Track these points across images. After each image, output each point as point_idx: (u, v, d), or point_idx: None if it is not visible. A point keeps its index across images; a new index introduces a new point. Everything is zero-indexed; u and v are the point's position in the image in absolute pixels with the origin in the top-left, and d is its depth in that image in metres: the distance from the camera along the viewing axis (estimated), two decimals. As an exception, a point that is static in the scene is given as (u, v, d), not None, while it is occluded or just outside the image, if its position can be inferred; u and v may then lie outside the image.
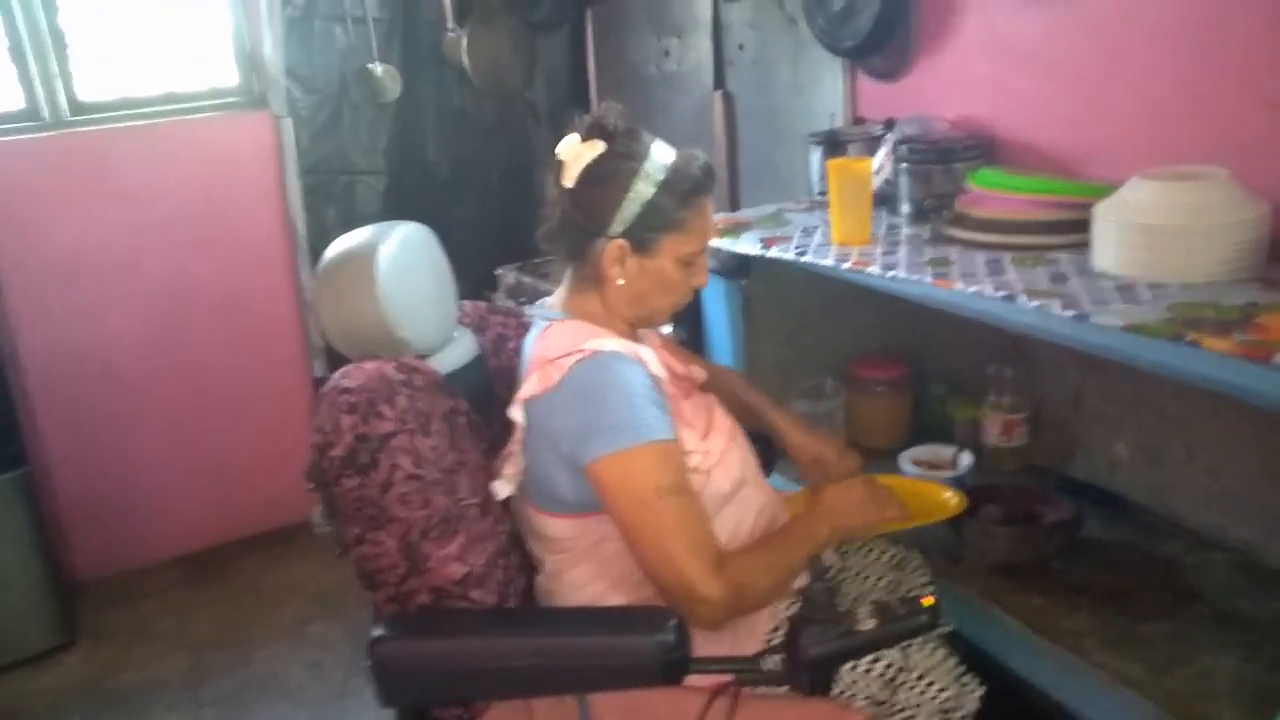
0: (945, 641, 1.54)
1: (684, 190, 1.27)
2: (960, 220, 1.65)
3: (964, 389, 2.05)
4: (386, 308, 1.32)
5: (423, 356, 1.39)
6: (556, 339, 1.31)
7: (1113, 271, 1.39)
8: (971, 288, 1.39)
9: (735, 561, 1.24)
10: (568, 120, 1.34)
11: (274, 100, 2.78)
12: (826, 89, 2.28)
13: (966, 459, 1.84)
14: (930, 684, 1.27)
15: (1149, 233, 1.34)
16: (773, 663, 1.14)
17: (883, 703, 1.27)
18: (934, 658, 1.30)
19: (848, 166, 1.72)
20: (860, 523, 1.37)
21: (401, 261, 1.37)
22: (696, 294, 1.41)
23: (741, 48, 2.55)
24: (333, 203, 2.91)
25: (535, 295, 2.89)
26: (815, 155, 2.11)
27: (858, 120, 2.21)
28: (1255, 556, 1.57)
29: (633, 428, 1.22)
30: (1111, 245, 1.39)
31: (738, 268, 1.95)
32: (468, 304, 1.60)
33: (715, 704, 1.16)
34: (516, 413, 1.29)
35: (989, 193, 1.63)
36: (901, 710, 1.27)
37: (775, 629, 1.32)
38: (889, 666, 1.28)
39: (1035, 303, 1.30)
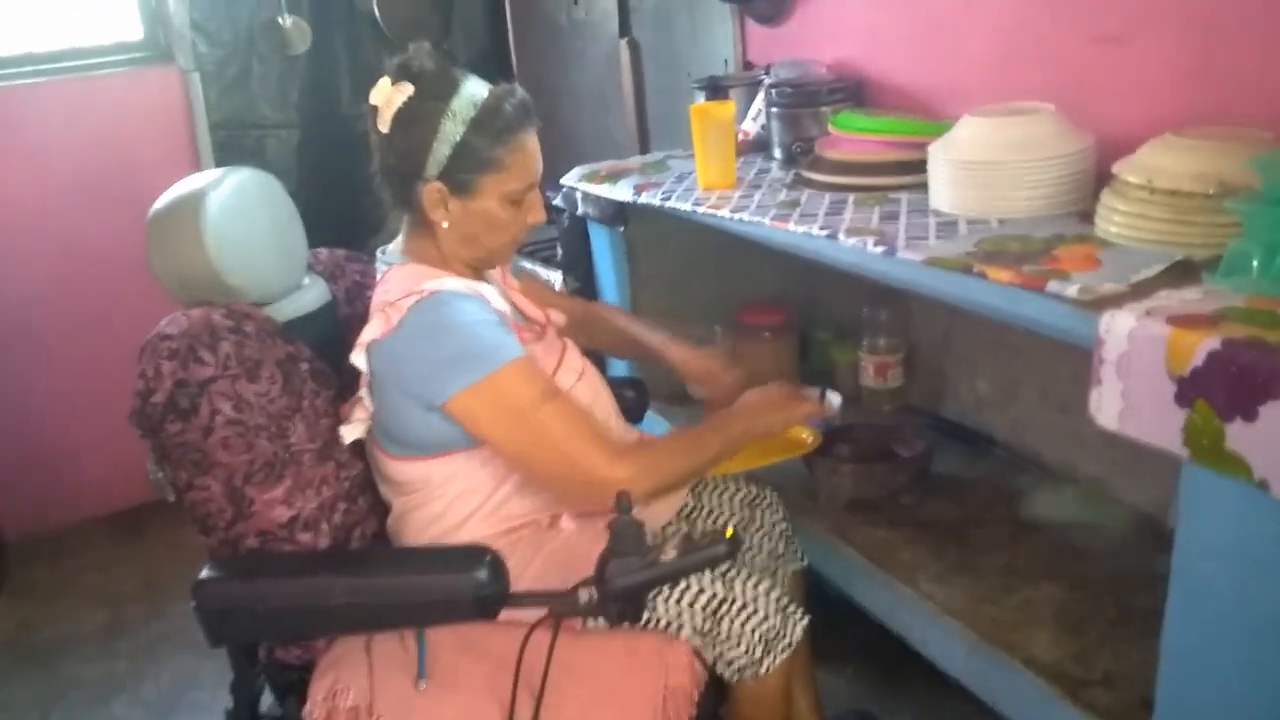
0: (785, 575, 1.59)
1: (497, 128, 1.27)
2: (816, 163, 1.66)
3: (847, 333, 2.07)
4: (215, 255, 1.33)
5: (263, 304, 1.40)
6: (396, 282, 1.32)
7: (945, 210, 1.41)
8: (800, 228, 1.40)
9: (643, 446, 1.30)
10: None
11: (180, 54, 2.75)
12: (719, 35, 2.28)
13: (836, 400, 1.86)
14: (753, 612, 1.31)
15: (973, 169, 1.35)
16: (587, 595, 1.18)
17: (707, 633, 1.31)
18: (758, 589, 1.33)
19: (708, 111, 1.72)
20: (777, 418, 1.43)
21: (234, 208, 1.38)
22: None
23: (641, -7, 2.54)
24: (244, 158, 2.88)
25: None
26: (700, 100, 2.10)
27: (747, 65, 2.21)
28: (1102, 490, 1.60)
29: (485, 355, 1.24)
30: (943, 183, 1.41)
31: (615, 215, 1.95)
32: (324, 252, 1.61)
33: (539, 635, 1.19)
34: (358, 358, 1.31)
35: (844, 135, 1.64)
36: (725, 639, 1.31)
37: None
38: (712, 598, 1.31)
39: (852, 240, 1.31)
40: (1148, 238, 1.14)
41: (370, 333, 1.28)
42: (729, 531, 1.15)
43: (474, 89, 1.29)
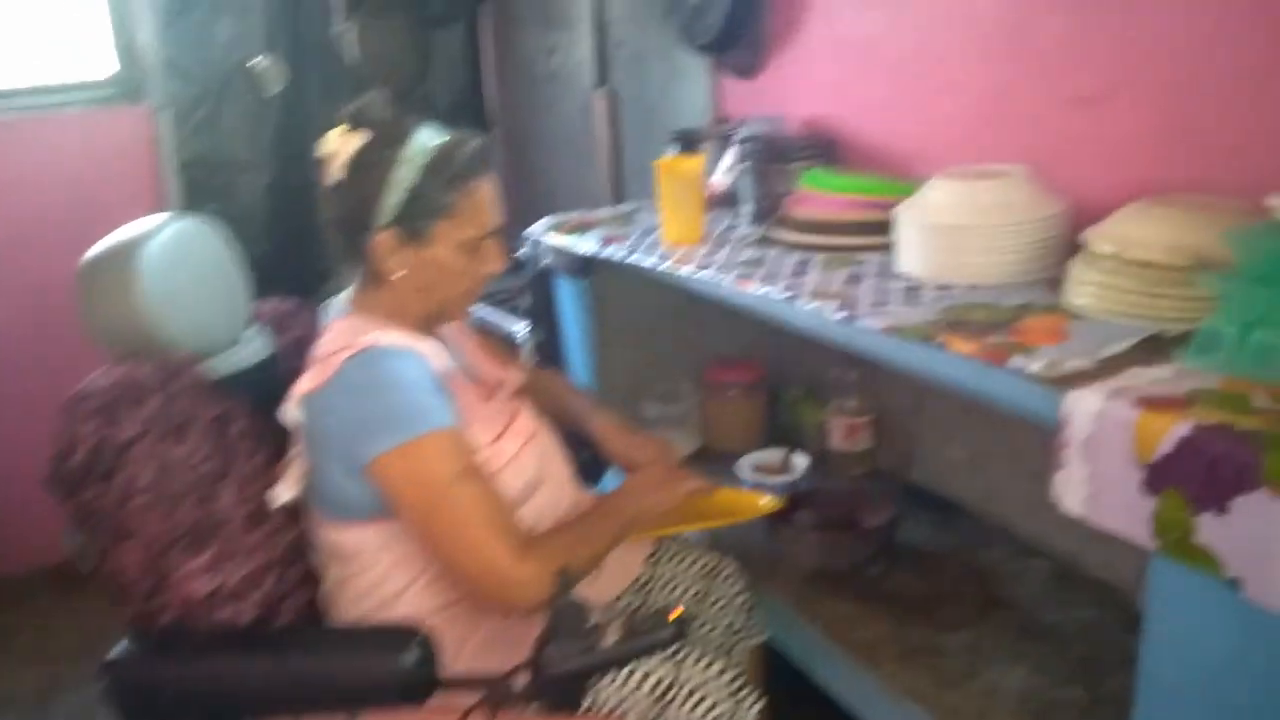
0: (745, 650, 1.52)
1: (450, 174, 1.23)
2: (784, 221, 1.61)
3: (817, 392, 2.02)
4: (147, 307, 1.27)
5: (199, 358, 1.34)
6: (336, 335, 1.27)
7: (913, 273, 1.36)
8: (762, 289, 1.35)
9: (544, 541, 1.22)
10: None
11: (151, 92, 2.71)
12: (696, 87, 2.25)
13: (801, 462, 1.80)
14: (701, 699, 1.23)
15: (941, 233, 1.31)
16: (523, 681, 1.10)
17: (654, 719, 1.23)
18: (708, 673, 1.25)
19: (674, 166, 1.68)
20: (662, 498, 1.36)
21: (170, 258, 1.32)
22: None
23: (621, 44, 2.51)
24: (213, 198, 2.83)
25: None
26: (672, 153, 2.07)
27: (722, 119, 2.17)
28: (1073, 566, 1.54)
29: (412, 419, 1.17)
30: (911, 246, 1.36)
31: (581, 267, 1.90)
32: (272, 302, 1.55)
33: (473, 720, 1.12)
34: (291, 412, 1.24)
35: (812, 193, 1.60)
36: (673, 726, 1.23)
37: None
38: (659, 682, 1.24)
39: (814, 304, 1.26)
40: (1118, 310, 1.09)
41: (303, 386, 1.22)
42: (675, 613, 1.08)
43: (427, 137, 1.24)
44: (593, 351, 2.02)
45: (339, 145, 1.24)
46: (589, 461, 1.65)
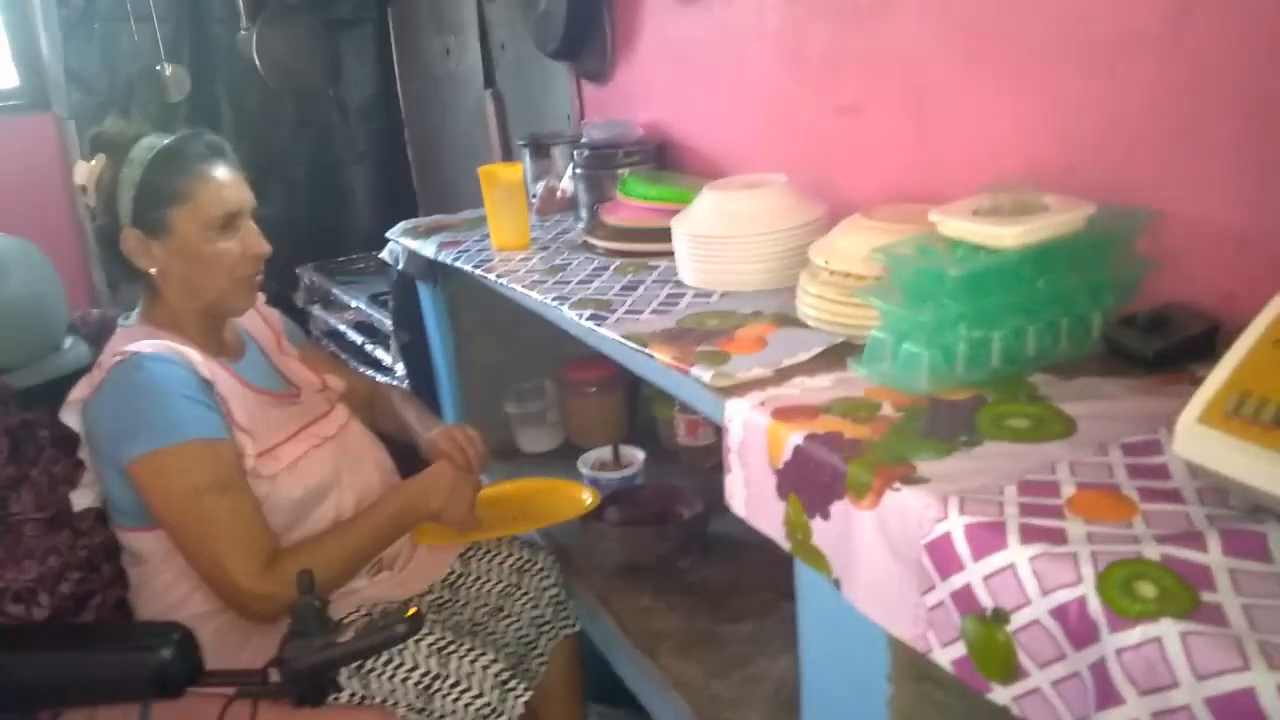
0: (555, 640, 1.58)
1: (178, 163, 1.29)
2: (597, 228, 1.66)
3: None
4: (-54, 324, 1.33)
5: (6, 370, 1.40)
6: (115, 342, 1.33)
7: (686, 281, 1.41)
8: (534, 294, 1.42)
9: (294, 553, 1.26)
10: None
11: (56, 102, 2.78)
12: (562, 90, 2.30)
13: (636, 458, 1.86)
14: (465, 690, 1.30)
15: (700, 243, 1.36)
16: (275, 674, 1.17)
17: (422, 710, 1.30)
18: (475, 665, 1.32)
19: (493, 173, 1.73)
20: (439, 506, 1.39)
21: (-27, 277, 1.38)
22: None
23: (504, 47, 2.56)
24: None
25: (330, 294, 2.91)
26: (526, 158, 2.12)
27: (581, 122, 2.22)
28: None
29: (166, 427, 1.23)
30: (682, 255, 1.41)
31: (429, 270, 1.96)
32: (94, 313, 1.61)
33: (233, 713, 1.18)
34: (67, 418, 1.31)
35: (624, 200, 1.65)
36: (440, 716, 1.29)
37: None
38: (425, 675, 1.30)
39: (575, 313, 1.31)
40: (825, 319, 1.14)
41: (76, 393, 1.29)
42: (410, 611, 1.15)
43: (155, 139, 1.30)
44: (451, 352, 2.08)
45: (84, 172, 1.31)
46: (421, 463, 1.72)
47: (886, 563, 0.78)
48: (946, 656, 0.73)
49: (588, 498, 1.64)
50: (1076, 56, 1.07)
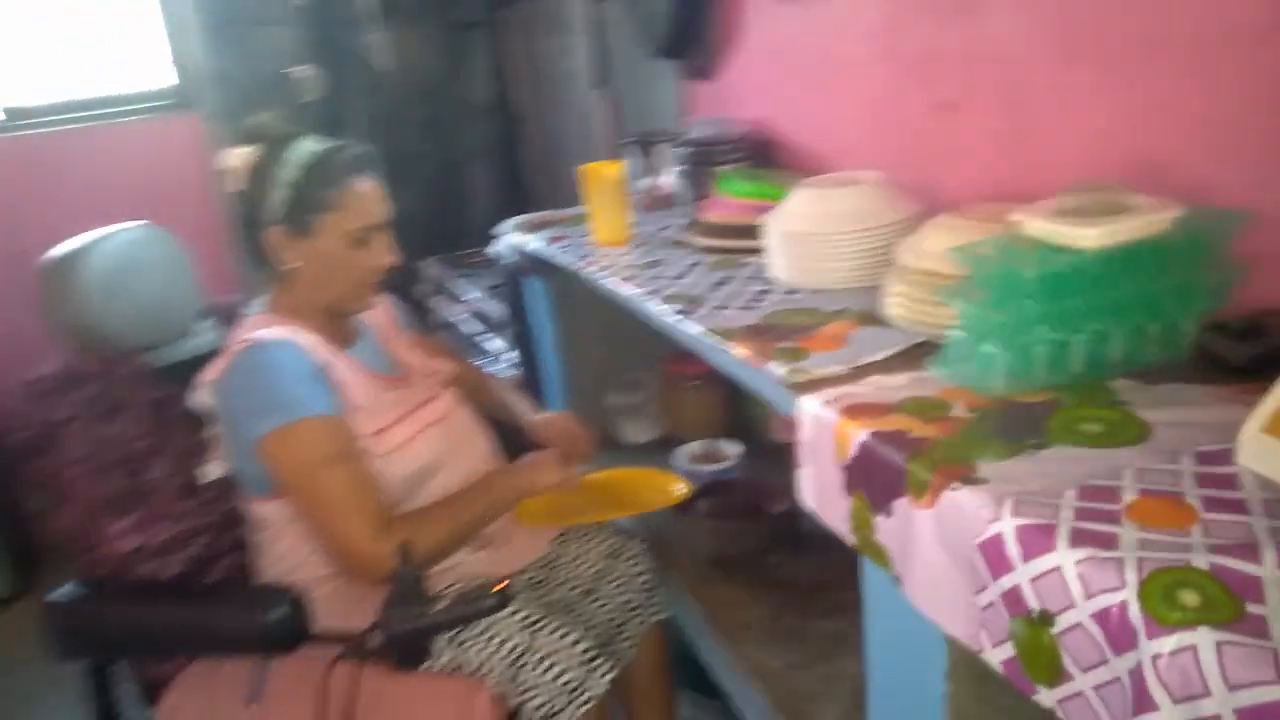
0: (646, 625, 1.62)
1: (329, 173, 1.37)
2: (694, 225, 1.70)
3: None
4: (94, 305, 1.48)
5: (146, 350, 1.54)
6: (242, 329, 1.44)
7: (778, 278, 1.43)
8: (627, 288, 1.46)
9: (405, 520, 1.35)
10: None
11: (201, 103, 2.99)
12: (669, 89, 2.33)
13: (733, 452, 1.88)
14: (552, 665, 1.35)
15: (792, 240, 1.37)
16: (377, 638, 1.25)
17: (510, 680, 1.36)
18: (562, 642, 1.37)
19: (597, 171, 1.78)
20: (541, 479, 1.46)
21: (119, 262, 1.52)
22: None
23: (613, 47, 2.61)
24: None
25: (449, 286, 3.03)
26: (631, 155, 2.16)
27: (686, 120, 2.25)
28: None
29: (289, 405, 1.33)
30: (775, 252, 1.43)
31: (535, 266, 2.02)
32: (226, 301, 1.75)
33: (340, 671, 1.27)
34: (200, 398, 1.42)
35: (721, 198, 1.67)
36: (526, 689, 1.36)
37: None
38: (515, 648, 1.37)
39: (664, 307, 1.35)
40: (910, 317, 1.14)
41: (206, 375, 1.40)
42: (499, 586, 1.21)
43: (311, 144, 1.39)
44: (557, 344, 2.15)
45: (236, 159, 1.40)
46: (523, 448, 1.79)
47: (943, 561, 0.79)
48: (997, 656, 0.73)
49: (680, 488, 1.67)
50: (1172, 53, 1.04)
